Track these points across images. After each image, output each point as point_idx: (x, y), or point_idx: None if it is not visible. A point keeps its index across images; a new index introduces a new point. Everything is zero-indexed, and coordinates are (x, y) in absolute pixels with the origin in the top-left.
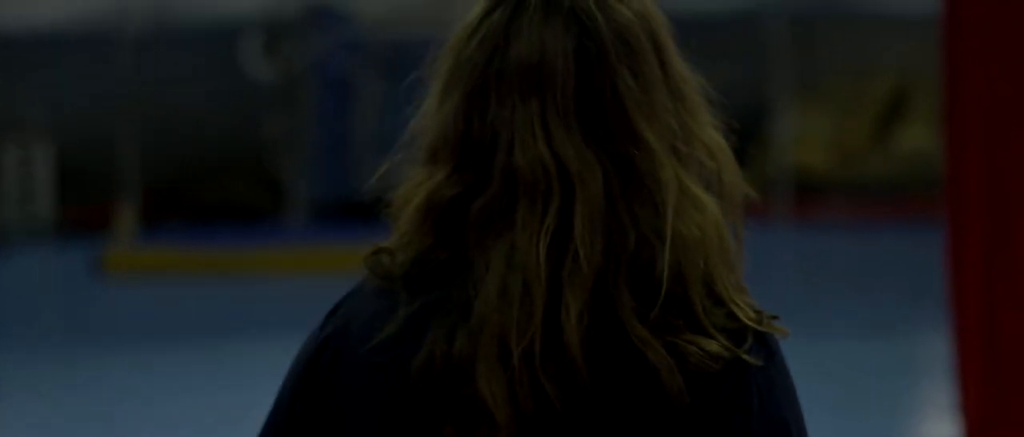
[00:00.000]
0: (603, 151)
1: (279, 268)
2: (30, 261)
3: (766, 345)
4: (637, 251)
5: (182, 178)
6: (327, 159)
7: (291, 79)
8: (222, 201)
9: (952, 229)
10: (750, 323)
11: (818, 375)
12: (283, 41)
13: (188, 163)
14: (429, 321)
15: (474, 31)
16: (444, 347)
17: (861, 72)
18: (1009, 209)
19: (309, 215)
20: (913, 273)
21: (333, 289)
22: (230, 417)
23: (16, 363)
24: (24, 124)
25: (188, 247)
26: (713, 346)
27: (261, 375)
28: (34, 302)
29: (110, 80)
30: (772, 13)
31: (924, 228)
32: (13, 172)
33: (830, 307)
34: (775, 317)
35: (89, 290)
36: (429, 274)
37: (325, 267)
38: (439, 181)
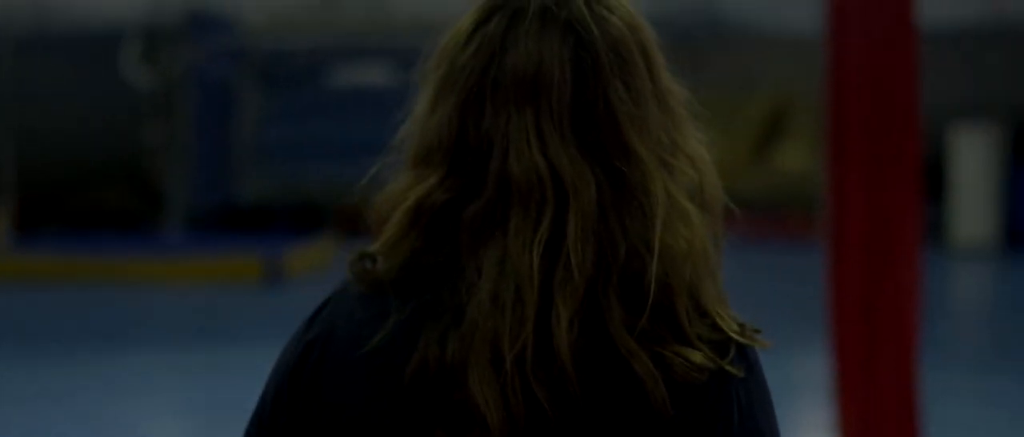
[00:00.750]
0: (595, 162)
1: (156, 275)
2: None
3: (746, 357)
4: (627, 262)
5: (59, 184)
6: (206, 167)
7: (170, 86)
8: (100, 208)
9: (832, 248)
10: (733, 335)
11: None
12: (163, 48)
13: (66, 169)
14: (421, 325)
15: (469, 39)
16: (437, 351)
17: (740, 91)
18: (889, 229)
19: (187, 223)
20: (790, 292)
21: (210, 297)
22: (104, 424)
23: None
24: None
25: (64, 254)
26: (697, 357)
27: (134, 383)
28: None
29: None
30: (652, 29)
31: (801, 247)
32: None
33: None
34: (757, 330)
35: None
36: (419, 278)
37: (202, 275)
38: (431, 185)
